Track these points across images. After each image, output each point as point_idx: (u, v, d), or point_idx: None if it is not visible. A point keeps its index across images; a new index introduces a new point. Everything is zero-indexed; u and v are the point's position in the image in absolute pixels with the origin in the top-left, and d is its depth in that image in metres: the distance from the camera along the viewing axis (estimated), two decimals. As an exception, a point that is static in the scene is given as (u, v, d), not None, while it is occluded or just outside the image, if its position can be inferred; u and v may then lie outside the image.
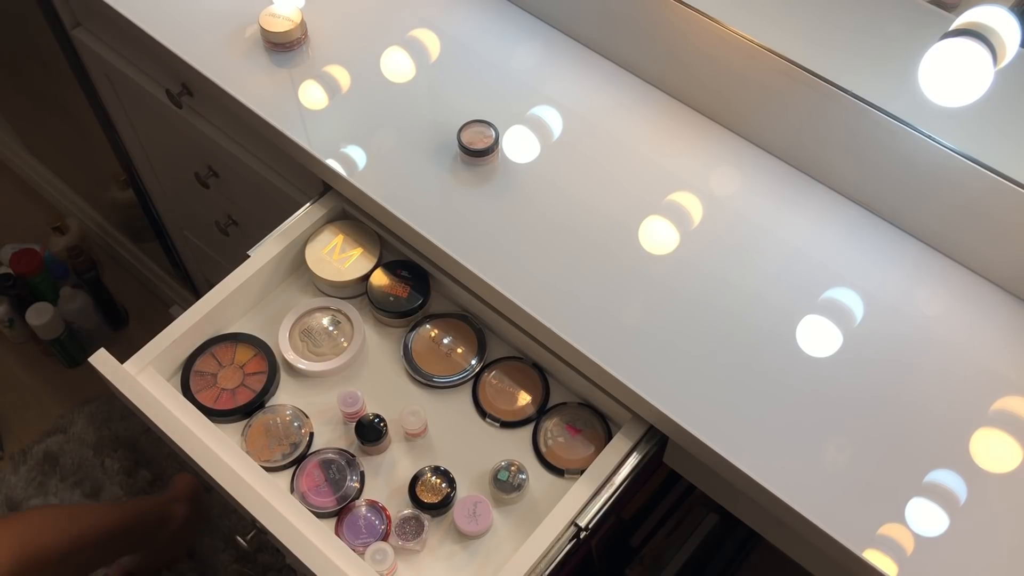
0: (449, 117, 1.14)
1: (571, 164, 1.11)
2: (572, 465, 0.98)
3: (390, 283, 1.08)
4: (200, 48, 1.19)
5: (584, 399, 1.02)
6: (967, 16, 0.77)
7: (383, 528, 0.94)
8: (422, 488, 0.96)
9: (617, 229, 1.05)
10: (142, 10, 1.23)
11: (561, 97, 1.17)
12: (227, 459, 0.94)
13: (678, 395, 0.92)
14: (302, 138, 1.11)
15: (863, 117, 0.98)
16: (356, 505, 0.95)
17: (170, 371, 1.04)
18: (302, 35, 1.20)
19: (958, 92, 0.78)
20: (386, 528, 0.94)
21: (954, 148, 0.94)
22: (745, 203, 1.08)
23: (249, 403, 1.01)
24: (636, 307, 1.00)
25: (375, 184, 1.07)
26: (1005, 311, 1.00)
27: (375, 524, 0.94)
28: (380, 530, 0.94)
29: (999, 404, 0.93)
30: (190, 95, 1.29)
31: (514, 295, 0.98)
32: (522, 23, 1.25)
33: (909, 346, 0.97)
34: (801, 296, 1.00)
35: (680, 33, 1.09)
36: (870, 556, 0.83)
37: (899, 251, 1.04)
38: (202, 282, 1.88)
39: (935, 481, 0.88)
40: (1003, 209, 0.95)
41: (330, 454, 0.98)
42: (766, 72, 1.04)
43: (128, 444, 1.91)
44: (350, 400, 0.99)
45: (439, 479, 0.96)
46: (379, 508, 0.95)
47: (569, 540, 0.90)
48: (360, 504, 0.95)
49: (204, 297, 1.05)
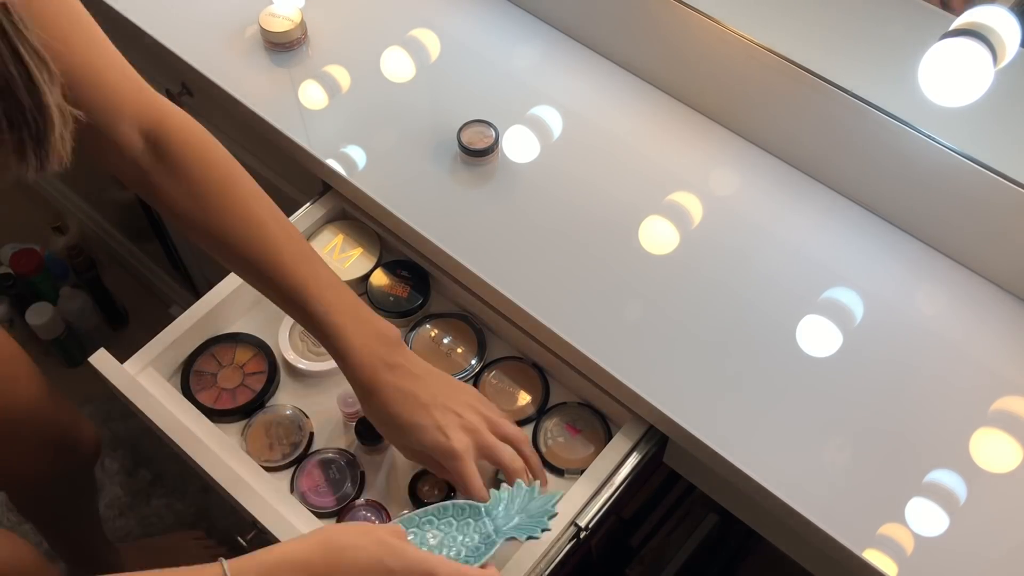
0: (449, 117, 1.14)
1: (571, 164, 1.11)
2: (572, 465, 0.97)
3: (390, 283, 1.08)
4: (200, 48, 1.19)
5: (584, 399, 1.02)
6: (967, 16, 0.77)
7: None
8: (423, 487, 0.96)
9: (617, 229, 1.05)
10: (142, 10, 1.23)
11: (561, 97, 1.17)
12: (227, 459, 0.94)
13: (678, 395, 0.92)
14: (302, 138, 1.11)
15: (863, 117, 0.98)
16: (356, 505, 0.95)
17: (170, 371, 1.04)
18: (302, 35, 1.20)
19: (958, 92, 0.78)
20: None
21: (954, 148, 0.94)
22: (745, 203, 1.08)
23: (249, 403, 1.01)
24: (636, 307, 1.00)
25: (375, 184, 1.07)
26: (1005, 311, 1.00)
27: (375, 524, 0.94)
28: None
29: (999, 404, 0.93)
30: (190, 95, 1.29)
31: (514, 295, 0.98)
32: (522, 23, 1.25)
33: (909, 346, 0.97)
34: (801, 296, 1.00)
35: (680, 33, 1.09)
36: (870, 556, 0.83)
37: (899, 251, 1.04)
38: (202, 282, 1.88)
39: (935, 481, 0.88)
40: (1003, 209, 0.95)
41: (330, 454, 0.98)
42: (766, 72, 1.04)
43: (128, 444, 1.90)
44: (350, 400, 0.99)
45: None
46: (379, 508, 0.95)
47: (569, 540, 0.90)
48: (360, 503, 0.95)
49: (204, 297, 1.05)
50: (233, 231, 0.87)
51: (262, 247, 0.87)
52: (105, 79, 0.82)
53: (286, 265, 0.87)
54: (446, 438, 0.85)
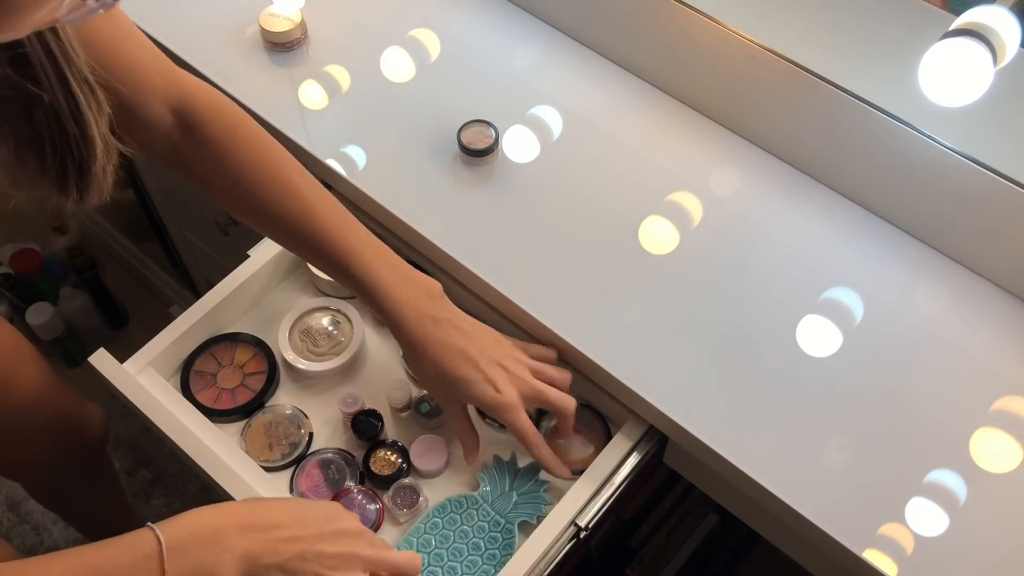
0: (449, 117, 1.14)
1: (571, 164, 1.11)
2: (572, 465, 0.97)
3: (390, 283, 1.08)
4: (200, 48, 1.19)
5: (584, 399, 1.02)
6: (967, 16, 0.77)
7: (376, 509, 0.94)
8: (375, 460, 0.97)
9: (617, 229, 1.05)
10: (142, 10, 1.23)
11: (561, 97, 1.17)
12: (227, 459, 0.94)
13: (678, 395, 0.92)
14: (302, 138, 1.11)
15: (863, 117, 0.98)
16: (352, 490, 0.95)
17: (170, 371, 1.04)
18: (302, 35, 1.20)
19: (958, 92, 0.78)
20: (379, 511, 0.94)
21: (954, 148, 0.94)
22: (745, 203, 1.08)
23: (249, 403, 1.01)
24: (636, 307, 1.00)
25: (375, 184, 1.07)
26: (1005, 311, 1.00)
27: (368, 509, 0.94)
28: (373, 513, 0.94)
29: (999, 404, 0.93)
30: (190, 95, 1.29)
31: (514, 295, 0.98)
32: (522, 23, 1.25)
33: (909, 346, 0.97)
34: (801, 296, 1.00)
35: (680, 33, 1.09)
36: (870, 556, 0.83)
37: (899, 251, 1.04)
38: (202, 282, 1.88)
39: (935, 481, 0.88)
40: (1003, 209, 0.95)
41: (329, 454, 0.98)
42: (766, 72, 1.04)
43: (128, 444, 1.90)
44: (350, 400, 0.99)
45: (394, 454, 0.97)
46: (373, 494, 0.95)
47: (569, 540, 0.90)
48: (356, 489, 0.95)
49: (204, 297, 1.05)
50: (267, 200, 0.88)
51: (298, 213, 0.88)
52: (132, 57, 0.82)
53: (324, 229, 0.88)
54: (497, 391, 0.87)
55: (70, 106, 0.56)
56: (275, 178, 0.88)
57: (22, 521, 1.79)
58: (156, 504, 1.81)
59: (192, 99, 0.87)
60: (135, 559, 0.68)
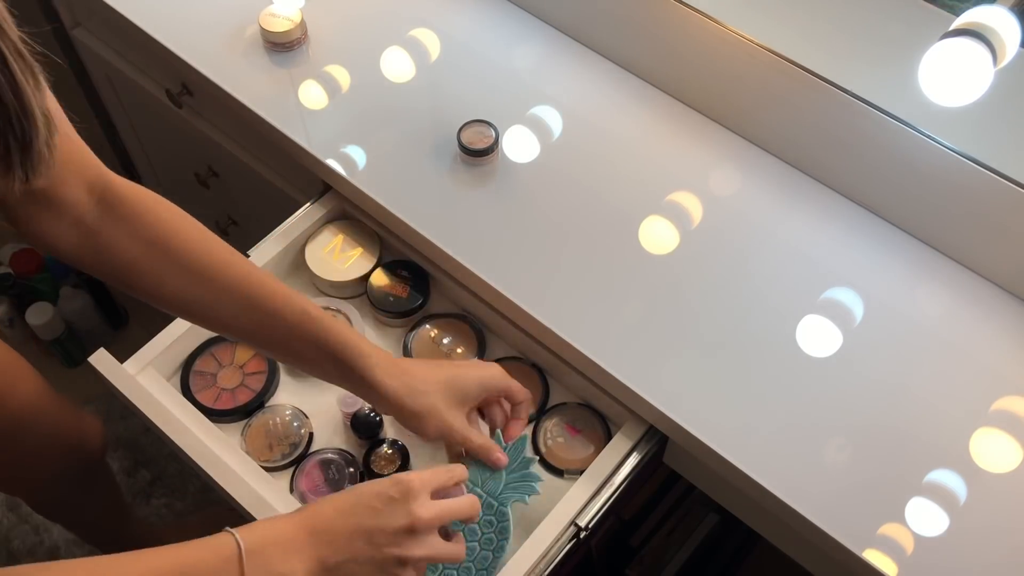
0: (449, 117, 1.14)
1: (571, 164, 1.11)
2: (572, 465, 0.97)
3: (390, 283, 1.08)
4: (200, 48, 1.19)
5: (584, 399, 1.02)
6: (967, 16, 0.77)
7: None
8: (375, 459, 0.97)
9: (617, 229, 1.05)
10: (142, 10, 1.23)
11: (561, 97, 1.17)
12: (227, 459, 0.94)
13: (678, 395, 0.92)
14: (302, 138, 1.11)
15: (863, 117, 0.98)
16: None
17: (170, 371, 1.04)
18: (302, 35, 1.20)
19: (958, 92, 0.78)
20: None
21: (954, 148, 0.94)
22: (745, 203, 1.08)
23: (249, 403, 1.01)
24: (636, 307, 1.00)
25: (375, 184, 1.07)
26: (1005, 311, 1.00)
27: None
28: None
29: (999, 404, 0.93)
30: (190, 95, 1.29)
31: (514, 295, 0.98)
32: (522, 23, 1.25)
33: (909, 346, 0.97)
34: (801, 296, 1.00)
35: (680, 33, 1.09)
36: (870, 556, 0.83)
37: (899, 251, 1.04)
38: (202, 282, 1.88)
39: (935, 481, 0.88)
40: (1003, 209, 0.95)
41: (329, 454, 0.98)
42: (766, 72, 1.04)
43: (128, 444, 1.90)
44: (349, 400, 0.99)
45: (394, 453, 0.97)
46: None
47: (569, 540, 0.90)
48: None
49: (204, 297, 1.04)
50: (200, 262, 0.84)
51: (245, 280, 0.84)
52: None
53: (283, 297, 0.84)
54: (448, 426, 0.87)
55: (6, 78, 0.52)
56: (208, 249, 0.84)
57: (22, 521, 1.78)
58: (156, 504, 1.81)
59: (112, 185, 0.82)
60: (218, 562, 0.69)
